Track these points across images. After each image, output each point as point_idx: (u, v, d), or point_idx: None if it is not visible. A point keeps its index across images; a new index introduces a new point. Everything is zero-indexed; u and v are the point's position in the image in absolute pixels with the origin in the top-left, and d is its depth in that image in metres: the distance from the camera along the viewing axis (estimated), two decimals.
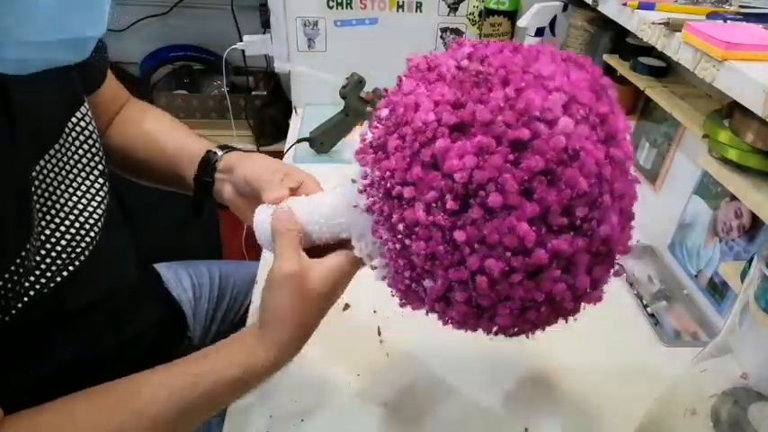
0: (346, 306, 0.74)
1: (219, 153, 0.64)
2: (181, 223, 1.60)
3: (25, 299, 0.46)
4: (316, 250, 0.49)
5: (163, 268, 0.86)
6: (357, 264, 0.48)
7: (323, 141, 1.09)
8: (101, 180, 0.56)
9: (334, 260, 0.47)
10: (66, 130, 0.52)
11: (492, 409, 0.63)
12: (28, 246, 0.45)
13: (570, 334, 0.72)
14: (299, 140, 1.11)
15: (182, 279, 0.88)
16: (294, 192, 0.55)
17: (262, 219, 0.52)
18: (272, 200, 0.52)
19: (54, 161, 0.50)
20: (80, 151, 0.54)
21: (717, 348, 0.45)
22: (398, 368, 0.67)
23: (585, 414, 0.63)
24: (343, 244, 0.49)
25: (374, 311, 0.73)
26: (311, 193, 0.55)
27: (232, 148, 0.66)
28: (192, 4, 1.55)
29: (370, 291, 0.49)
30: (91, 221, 0.53)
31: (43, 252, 0.48)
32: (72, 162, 0.53)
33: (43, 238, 0.48)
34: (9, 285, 0.43)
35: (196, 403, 0.45)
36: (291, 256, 0.46)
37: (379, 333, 0.70)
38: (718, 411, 0.44)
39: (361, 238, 0.46)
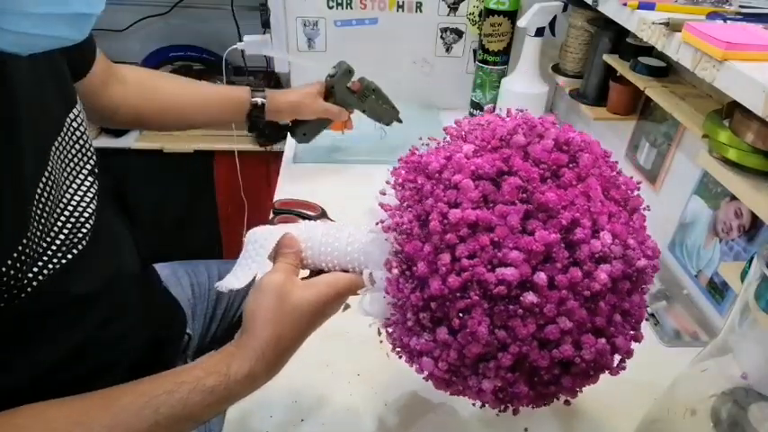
0: (346, 306, 0.74)
1: (261, 102, 0.90)
2: (181, 223, 1.61)
3: (29, 289, 0.47)
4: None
5: (162, 268, 0.87)
6: (347, 293, 0.50)
7: (305, 132, 1.03)
8: (90, 178, 0.57)
9: (325, 281, 0.50)
10: (65, 128, 0.54)
11: (492, 409, 0.63)
12: (29, 234, 0.46)
13: None
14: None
15: (180, 279, 0.88)
16: None
17: (259, 233, 0.53)
18: None
19: (54, 157, 0.51)
20: (73, 150, 0.55)
21: (717, 348, 0.45)
22: (398, 368, 0.66)
23: (585, 414, 0.63)
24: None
25: None
26: None
27: (262, 90, 0.91)
28: (192, 4, 1.55)
29: None
30: (86, 215, 0.54)
31: (45, 244, 0.49)
32: (68, 158, 0.54)
33: (46, 229, 0.49)
34: (12, 272, 0.44)
35: (172, 413, 0.44)
36: (279, 270, 0.49)
37: (380, 333, 0.70)
38: (719, 411, 0.44)
39: (372, 280, 0.49)
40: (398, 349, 0.47)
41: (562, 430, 0.61)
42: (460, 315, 0.40)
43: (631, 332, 0.43)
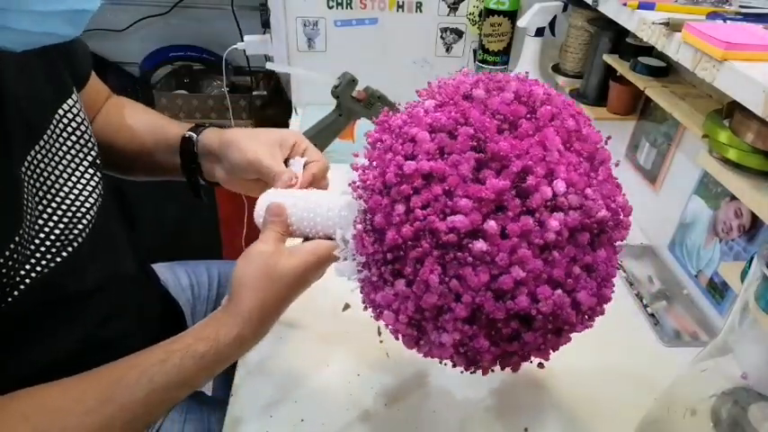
0: (346, 306, 0.74)
1: (195, 137, 0.66)
2: (181, 223, 1.61)
3: (22, 286, 0.47)
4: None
5: (161, 268, 0.86)
6: (328, 258, 0.51)
7: (316, 142, 1.07)
8: (91, 170, 0.57)
9: (307, 249, 0.51)
10: (55, 122, 0.53)
11: (492, 409, 0.63)
12: (21, 231, 0.46)
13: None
14: None
15: (180, 279, 0.88)
16: (289, 156, 0.61)
17: (263, 205, 0.55)
18: (282, 187, 0.57)
19: (44, 152, 0.51)
20: (68, 142, 0.55)
21: (717, 348, 0.45)
22: (398, 368, 0.66)
23: (585, 414, 0.63)
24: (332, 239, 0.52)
25: None
26: (302, 151, 0.63)
27: (204, 127, 0.68)
28: (192, 4, 1.55)
29: None
30: (83, 210, 0.54)
31: (37, 241, 0.49)
32: (62, 152, 0.54)
33: (38, 227, 0.49)
34: (4, 271, 0.44)
35: (166, 381, 0.47)
36: (269, 239, 0.51)
37: (379, 333, 0.70)
38: (718, 411, 0.44)
39: (345, 240, 0.49)
40: (370, 308, 0.47)
41: (562, 430, 0.61)
42: (416, 266, 0.40)
43: (596, 289, 0.41)
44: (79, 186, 0.55)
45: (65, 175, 0.53)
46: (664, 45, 0.67)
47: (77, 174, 0.55)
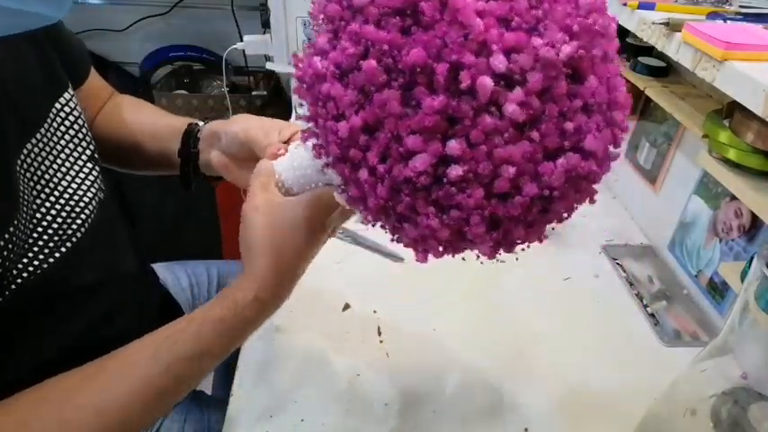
0: (346, 306, 0.74)
1: (201, 124, 0.66)
2: (180, 221, 1.61)
3: (19, 280, 0.46)
4: None
5: (161, 268, 0.87)
6: (333, 205, 0.47)
7: None
8: (89, 165, 0.57)
9: (310, 194, 0.47)
10: (51, 115, 0.53)
11: (492, 409, 0.63)
12: (16, 222, 0.46)
13: (570, 334, 0.72)
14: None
15: (180, 279, 0.88)
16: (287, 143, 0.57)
17: None
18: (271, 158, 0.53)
19: (41, 145, 0.51)
20: (66, 136, 0.55)
21: (717, 348, 0.45)
22: (398, 368, 0.67)
23: (585, 414, 0.63)
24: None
25: (374, 311, 0.73)
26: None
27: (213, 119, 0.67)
28: (192, 4, 1.55)
29: (370, 291, 0.49)
30: (81, 204, 0.54)
31: (35, 235, 0.49)
32: (60, 146, 0.54)
33: (35, 220, 0.49)
34: None
35: (185, 349, 0.46)
36: (257, 193, 0.48)
37: (379, 333, 0.70)
38: (719, 411, 0.44)
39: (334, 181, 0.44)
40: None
41: (562, 430, 0.61)
42: (412, 214, 0.36)
43: (603, 122, 0.36)
44: (78, 180, 0.55)
45: (63, 169, 0.53)
46: (664, 45, 0.67)
47: (75, 168, 0.55)
